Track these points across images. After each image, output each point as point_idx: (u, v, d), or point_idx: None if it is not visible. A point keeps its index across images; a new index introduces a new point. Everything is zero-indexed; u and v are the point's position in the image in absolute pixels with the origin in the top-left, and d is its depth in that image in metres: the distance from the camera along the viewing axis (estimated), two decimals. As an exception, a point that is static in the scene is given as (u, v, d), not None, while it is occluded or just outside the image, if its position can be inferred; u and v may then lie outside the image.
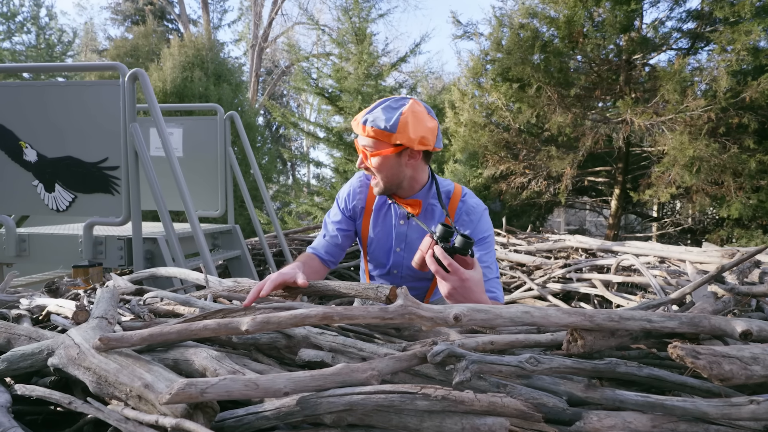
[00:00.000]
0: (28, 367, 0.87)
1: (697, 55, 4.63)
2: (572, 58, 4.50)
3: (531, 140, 4.99)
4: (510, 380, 0.78)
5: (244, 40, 20.00)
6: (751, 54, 3.56)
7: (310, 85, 7.39)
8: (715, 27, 3.92)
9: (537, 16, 4.37)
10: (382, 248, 1.33)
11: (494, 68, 4.70)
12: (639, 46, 4.34)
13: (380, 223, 1.33)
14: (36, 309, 1.35)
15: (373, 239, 1.34)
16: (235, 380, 0.65)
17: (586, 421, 0.69)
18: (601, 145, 4.50)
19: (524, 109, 4.64)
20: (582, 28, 4.12)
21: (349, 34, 7.44)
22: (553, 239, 3.87)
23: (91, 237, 2.57)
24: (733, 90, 3.63)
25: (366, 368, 0.70)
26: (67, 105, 2.53)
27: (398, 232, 1.31)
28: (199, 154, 3.73)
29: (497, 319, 0.76)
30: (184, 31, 16.77)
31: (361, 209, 1.34)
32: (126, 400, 0.70)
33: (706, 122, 3.66)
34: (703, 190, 4.09)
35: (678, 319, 0.85)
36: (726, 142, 3.87)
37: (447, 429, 0.67)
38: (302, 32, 20.73)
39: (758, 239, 4.14)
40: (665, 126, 3.83)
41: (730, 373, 0.61)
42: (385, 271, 1.36)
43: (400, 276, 1.36)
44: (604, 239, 4.59)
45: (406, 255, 1.31)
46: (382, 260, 1.35)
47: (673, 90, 3.65)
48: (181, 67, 9.63)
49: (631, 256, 2.69)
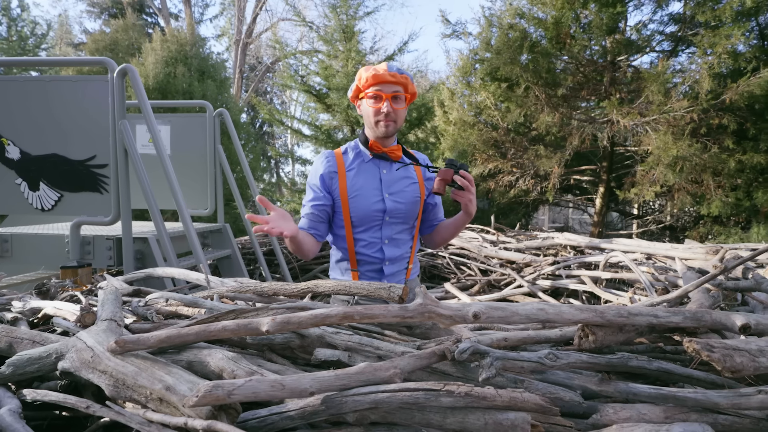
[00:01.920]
0: (35, 371, 0.85)
1: (678, 57, 4.77)
2: (559, 58, 4.58)
3: (519, 139, 5.07)
4: (525, 375, 0.80)
5: (227, 36, 19.65)
6: (731, 57, 3.69)
7: (298, 82, 7.31)
8: (697, 31, 4.05)
9: (525, 17, 4.43)
10: (370, 199, 1.42)
11: (483, 68, 4.75)
12: (624, 48, 4.45)
13: (361, 176, 1.45)
14: (29, 312, 1.31)
15: (357, 192, 1.43)
16: (262, 381, 0.64)
17: (603, 413, 0.71)
18: (587, 144, 4.61)
19: (512, 108, 4.71)
20: (569, 30, 4.20)
21: (337, 31, 7.40)
22: (542, 237, 3.94)
23: (79, 237, 2.50)
24: (714, 92, 3.76)
25: (389, 366, 0.71)
26: (52, 101, 2.45)
27: (385, 181, 1.44)
28: (187, 152, 3.67)
29: (514, 316, 0.78)
30: (165, 25, 16.38)
31: (334, 173, 1.45)
32: (146, 403, 0.69)
33: (688, 123, 3.79)
34: (684, 189, 4.23)
35: (682, 314, 0.88)
36: (707, 142, 4.01)
37: (470, 424, 0.69)
38: (287, 28, 20.50)
39: (736, 236, 4.31)
40: (649, 126, 3.94)
41: (741, 365, 0.64)
42: (378, 220, 1.42)
43: (392, 223, 1.45)
44: (590, 236, 4.70)
45: (397, 199, 1.44)
46: (374, 209, 1.42)
47: (657, 91, 3.76)
48: (164, 62, 9.41)
49: (620, 253, 2.76)
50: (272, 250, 4.08)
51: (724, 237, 4.38)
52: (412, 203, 1.46)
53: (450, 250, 4.18)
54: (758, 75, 3.68)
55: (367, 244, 1.44)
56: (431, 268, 4.25)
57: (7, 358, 0.99)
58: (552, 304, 0.81)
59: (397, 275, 1.48)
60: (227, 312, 0.92)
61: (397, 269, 1.47)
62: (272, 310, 0.93)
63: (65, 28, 18.85)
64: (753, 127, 4.18)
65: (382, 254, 1.43)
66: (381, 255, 1.43)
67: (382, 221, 1.43)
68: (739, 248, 2.43)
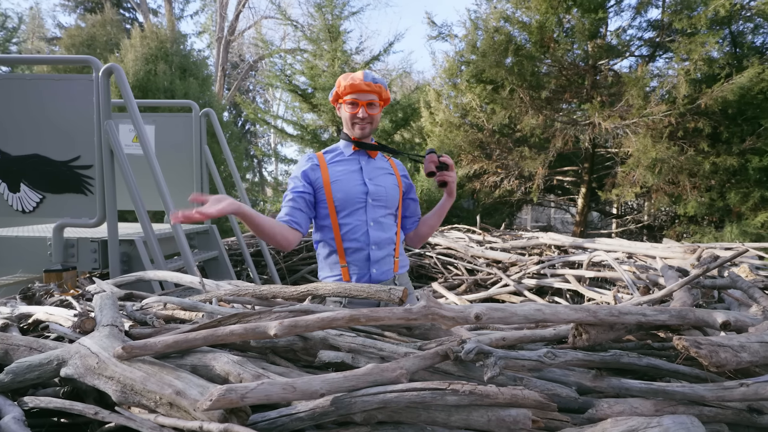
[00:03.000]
0: (35, 378, 0.84)
1: (656, 62, 4.93)
2: (543, 62, 4.68)
3: (504, 141, 5.16)
4: (524, 373, 0.83)
5: (208, 33, 19.31)
6: (706, 63, 3.85)
7: (284, 82, 7.26)
8: (674, 37, 4.20)
9: (510, 21, 4.52)
10: (352, 183, 1.53)
11: (469, 70, 4.82)
12: (604, 52, 4.58)
13: (342, 165, 1.56)
14: (16, 318, 1.29)
15: (339, 177, 1.53)
16: (274, 384, 0.66)
17: (598, 408, 0.75)
18: (570, 146, 4.73)
19: (498, 110, 4.79)
20: (553, 34, 4.30)
21: (323, 31, 7.37)
22: (527, 236, 4.02)
23: (62, 239, 2.44)
24: (690, 96, 3.91)
25: (395, 367, 0.73)
26: (34, 100, 2.38)
27: (366, 170, 1.57)
28: (171, 152, 3.61)
29: (513, 316, 0.81)
30: (145, 21, 16.00)
31: (316, 166, 1.56)
32: (155, 407, 0.70)
33: (666, 126, 3.93)
34: (662, 190, 4.38)
35: (668, 312, 0.93)
36: (683, 144, 4.17)
37: (474, 421, 0.72)
38: (270, 26, 20.28)
39: (710, 235, 4.49)
40: (629, 129, 4.07)
41: (725, 360, 0.69)
42: (362, 202, 1.51)
43: (375, 206, 1.53)
44: (572, 235, 4.82)
45: (378, 184, 1.55)
46: (356, 191, 1.52)
47: (636, 95, 3.89)
48: (144, 59, 9.20)
49: (602, 252, 2.85)
50: (260, 251, 4.06)
51: (699, 236, 4.56)
52: (392, 189, 1.57)
53: (437, 250, 4.23)
54: (731, 81, 3.85)
55: (352, 227, 1.49)
56: (419, 268, 4.29)
57: (2, 365, 0.97)
58: (548, 305, 0.85)
59: (384, 262, 1.51)
60: (230, 316, 0.92)
61: (384, 254, 1.51)
62: (275, 314, 0.94)
63: (37, 21, 18.21)
64: (726, 130, 4.36)
65: (367, 237, 1.48)
66: (366, 239, 1.48)
67: (365, 203, 1.51)
68: (715, 247, 2.54)
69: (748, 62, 3.97)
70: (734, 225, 4.34)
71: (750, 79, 3.76)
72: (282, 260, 4.34)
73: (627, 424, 0.69)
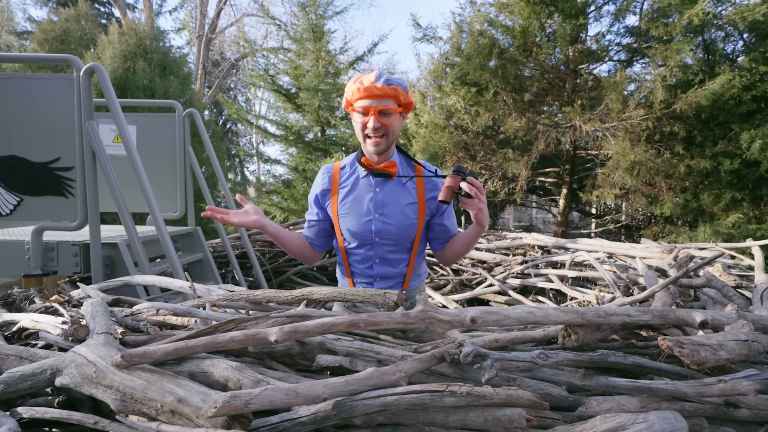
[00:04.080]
0: (28, 388, 0.83)
1: (633, 66, 5.10)
2: (526, 65, 4.78)
3: (488, 142, 5.25)
4: (516, 374, 0.86)
5: (187, 29, 18.94)
6: (681, 70, 4.00)
7: (267, 82, 7.19)
8: (650, 44, 4.35)
9: (494, 25, 4.60)
10: (359, 218, 1.37)
11: (453, 72, 4.88)
12: (585, 57, 4.71)
13: (353, 194, 1.39)
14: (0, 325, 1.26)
15: (348, 211, 1.38)
16: (277, 390, 0.67)
17: (588, 406, 0.78)
18: (552, 148, 4.84)
19: (482, 112, 4.87)
20: (535, 38, 4.40)
21: (307, 31, 7.33)
22: (510, 237, 4.09)
23: (41, 243, 2.37)
24: (666, 101, 4.06)
25: (394, 371, 0.75)
26: (11, 99, 2.31)
27: (376, 201, 1.36)
28: (154, 153, 3.54)
29: (506, 319, 0.84)
30: (122, 17, 15.59)
31: (327, 191, 1.41)
32: (156, 415, 0.70)
33: (644, 130, 4.07)
34: (639, 191, 4.54)
35: (651, 312, 0.98)
36: (660, 147, 4.33)
37: (471, 422, 0.74)
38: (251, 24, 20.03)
39: (684, 234, 4.67)
40: (609, 132, 4.20)
41: (705, 358, 0.73)
42: (369, 240, 1.38)
43: (383, 244, 1.38)
44: (554, 235, 4.94)
45: (387, 221, 1.36)
46: (363, 230, 1.36)
47: (615, 99, 4.02)
48: (122, 56, 8.98)
49: (584, 253, 2.93)
50: (245, 252, 4.02)
51: (675, 235, 4.73)
52: (405, 226, 1.37)
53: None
54: (704, 87, 4.01)
55: (360, 259, 1.42)
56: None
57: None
58: (539, 307, 0.88)
59: (392, 288, 1.45)
60: (227, 322, 0.93)
61: (390, 285, 1.44)
62: (272, 319, 0.94)
63: (6, 14, 17.53)
64: (699, 134, 4.54)
65: (372, 271, 1.42)
66: (371, 272, 1.41)
67: (372, 241, 1.38)
68: (690, 247, 2.64)
69: (719, 69, 4.14)
70: (707, 225, 4.52)
71: (722, 86, 3.93)
72: (267, 262, 4.30)
73: (615, 420, 0.73)
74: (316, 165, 6.54)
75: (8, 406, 0.87)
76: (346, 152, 6.85)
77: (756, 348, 0.88)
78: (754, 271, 1.97)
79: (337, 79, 7.51)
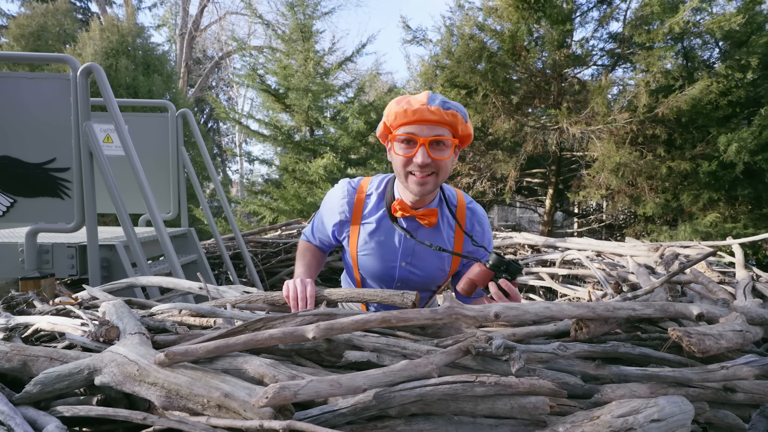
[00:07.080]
0: (65, 388, 0.84)
1: (616, 71, 5.29)
2: (514, 69, 4.90)
3: (477, 144, 5.36)
4: (535, 365, 0.92)
5: (167, 26, 18.58)
6: (663, 75, 4.17)
7: (255, 81, 7.15)
8: (633, 50, 4.53)
9: (483, 29, 4.70)
10: (382, 263, 1.18)
11: (443, 74, 4.97)
12: (570, 61, 4.86)
13: (377, 235, 1.17)
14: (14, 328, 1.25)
15: (370, 252, 1.18)
16: (322, 381, 0.71)
17: (603, 393, 0.85)
18: (540, 149, 4.98)
19: (471, 114, 4.97)
20: (524, 43, 4.52)
21: (295, 31, 7.31)
22: (501, 236, 4.19)
23: (35, 245, 2.34)
24: (649, 106, 4.23)
25: (426, 363, 0.80)
26: (3, 99, 2.27)
27: (405, 247, 1.16)
28: (145, 153, 3.49)
29: (525, 314, 0.90)
30: (101, 13, 15.20)
31: (347, 222, 1.17)
32: (203, 410, 0.73)
33: (628, 133, 4.24)
34: (623, 191, 4.72)
35: (653, 306, 1.05)
36: (642, 149, 4.51)
37: (498, 409, 0.79)
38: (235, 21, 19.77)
39: (665, 233, 4.86)
40: (594, 135, 4.36)
41: (709, 347, 0.80)
42: (389, 284, 1.22)
43: (404, 287, 1.25)
44: (540, 234, 5.07)
45: (413, 269, 1.18)
46: (385, 275, 1.20)
47: (601, 103, 4.17)
48: (104, 54, 8.79)
49: (575, 251, 3.03)
50: (239, 253, 4.01)
51: (656, 234, 4.92)
52: (433, 276, 1.19)
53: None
54: (684, 92, 4.19)
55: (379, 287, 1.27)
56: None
57: (18, 378, 0.96)
58: (554, 303, 0.94)
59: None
60: (255, 321, 0.96)
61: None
62: (299, 317, 0.98)
63: (-22, 9, 16.87)
64: (680, 137, 4.74)
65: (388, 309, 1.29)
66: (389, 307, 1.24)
67: (392, 285, 1.21)
68: (674, 245, 2.77)
69: (698, 75, 4.33)
70: (687, 224, 4.72)
71: (701, 91, 4.12)
72: (261, 263, 4.30)
73: (629, 405, 0.79)
74: (306, 165, 6.53)
75: (37, 408, 0.89)
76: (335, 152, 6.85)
77: (749, 337, 0.96)
78: (735, 267, 2.09)
79: (325, 79, 7.51)
